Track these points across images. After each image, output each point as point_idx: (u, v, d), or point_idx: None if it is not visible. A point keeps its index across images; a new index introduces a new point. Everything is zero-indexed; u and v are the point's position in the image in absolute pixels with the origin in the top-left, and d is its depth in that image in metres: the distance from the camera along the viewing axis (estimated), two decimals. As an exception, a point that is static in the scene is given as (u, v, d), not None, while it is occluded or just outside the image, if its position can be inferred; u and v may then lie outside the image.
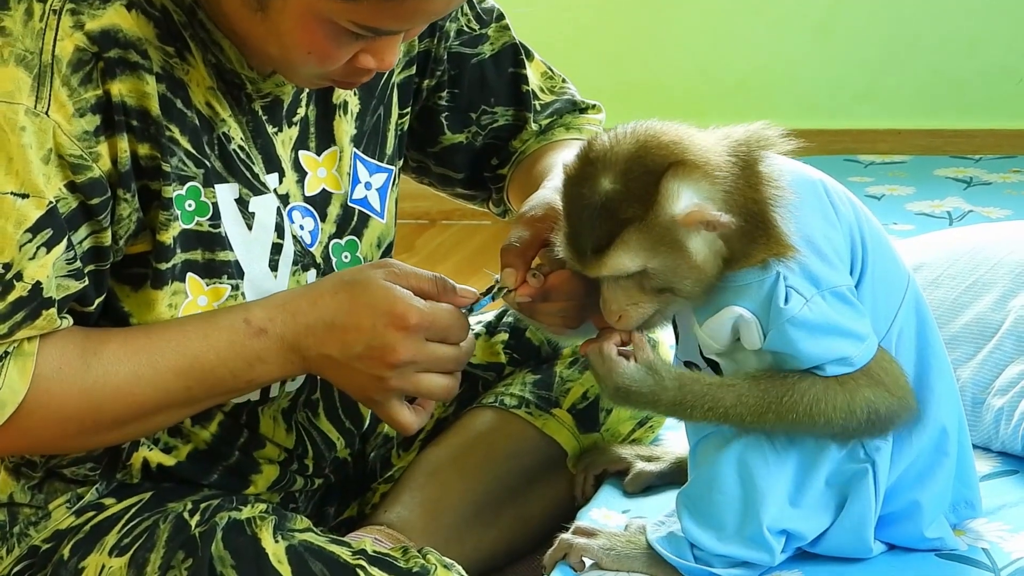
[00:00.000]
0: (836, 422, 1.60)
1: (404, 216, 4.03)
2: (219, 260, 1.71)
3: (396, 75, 1.91)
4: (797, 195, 1.58)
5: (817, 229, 1.60)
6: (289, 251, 1.77)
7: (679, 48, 4.12)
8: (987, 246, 2.17)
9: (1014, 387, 1.98)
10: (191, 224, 1.69)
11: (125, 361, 1.64)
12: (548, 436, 2.02)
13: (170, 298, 1.69)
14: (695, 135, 1.59)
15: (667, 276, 1.56)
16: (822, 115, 4.04)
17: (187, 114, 1.67)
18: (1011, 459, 1.96)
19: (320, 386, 1.85)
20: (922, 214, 3.11)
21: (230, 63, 1.70)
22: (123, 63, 1.61)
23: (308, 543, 1.68)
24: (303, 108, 1.80)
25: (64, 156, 1.58)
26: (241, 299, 1.73)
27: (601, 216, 1.55)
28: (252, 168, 1.73)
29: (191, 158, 1.67)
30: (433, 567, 1.68)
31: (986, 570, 1.67)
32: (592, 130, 2.04)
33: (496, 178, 2.04)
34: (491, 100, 2.00)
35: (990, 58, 3.98)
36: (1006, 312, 2.05)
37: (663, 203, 1.53)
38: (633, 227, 1.54)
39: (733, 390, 1.59)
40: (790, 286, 1.57)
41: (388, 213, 1.90)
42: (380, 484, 2.03)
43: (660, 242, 1.54)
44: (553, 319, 1.68)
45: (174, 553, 1.68)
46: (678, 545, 1.67)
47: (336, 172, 1.83)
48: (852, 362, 1.59)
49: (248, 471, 1.83)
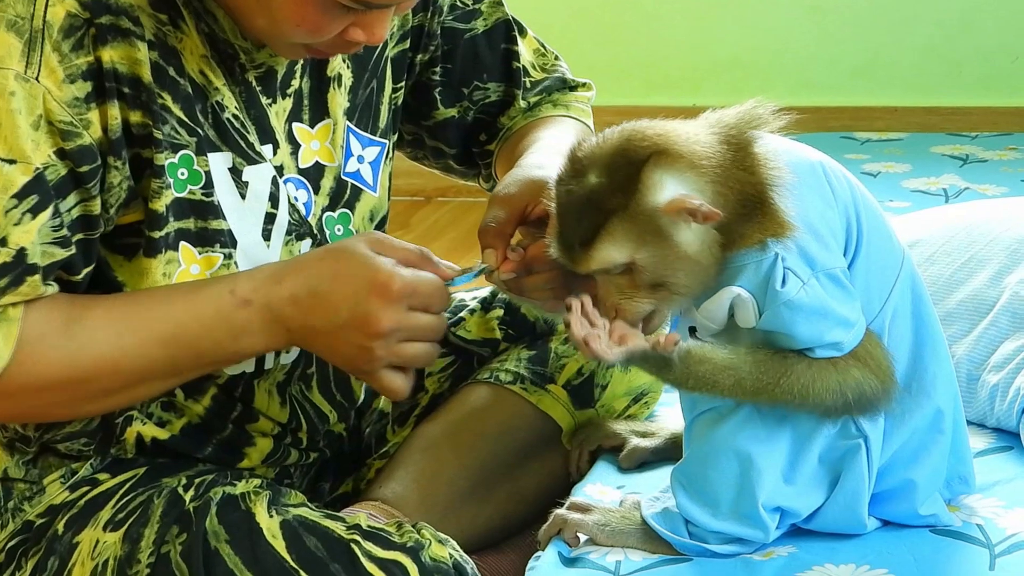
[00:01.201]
0: (827, 402, 1.60)
1: (399, 193, 4.03)
2: (212, 229, 1.71)
3: (390, 49, 1.91)
4: (795, 176, 1.58)
5: (814, 210, 1.59)
6: (283, 220, 1.77)
7: (674, 25, 4.11)
8: (983, 223, 2.17)
9: (1009, 363, 1.98)
10: (184, 192, 1.68)
11: (108, 329, 1.64)
12: (543, 412, 2.02)
13: (164, 267, 1.69)
14: (681, 127, 1.58)
15: (657, 269, 1.55)
16: (818, 92, 4.04)
17: (180, 82, 1.66)
18: (1006, 435, 1.96)
19: (315, 360, 1.85)
20: (918, 191, 3.11)
21: (223, 33, 1.70)
22: (115, 29, 1.61)
23: (302, 518, 1.68)
24: (297, 80, 1.80)
25: (54, 122, 1.58)
26: (234, 268, 1.73)
27: (586, 209, 1.55)
28: (247, 137, 1.73)
29: (184, 126, 1.67)
30: (427, 542, 1.69)
31: (980, 546, 1.67)
32: (580, 107, 2.05)
33: (484, 154, 2.04)
34: (483, 76, 2.00)
35: (987, 35, 3.98)
36: (1001, 289, 2.05)
37: (645, 192, 1.53)
38: (617, 218, 1.54)
39: (731, 374, 1.59)
40: (788, 267, 1.57)
41: (381, 187, 1.90)
42: (375, 460, 2.03)
43: (645, 232, 1.54)
44: (542, 293, 1.69)
45: (168, 528, 1.68)
46: (673, 521, 1.67)
47: (330, 145, 1.83)
48: (841, 347, 1.60)
49: (242, 444, 1.83)
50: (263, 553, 1.65)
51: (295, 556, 1.66)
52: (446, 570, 1.68)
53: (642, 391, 2.08)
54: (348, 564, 1.65)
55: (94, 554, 1.69)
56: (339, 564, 1.65)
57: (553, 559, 1.70)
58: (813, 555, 1.66)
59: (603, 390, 2.05)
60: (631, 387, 2.07)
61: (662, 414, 2.11)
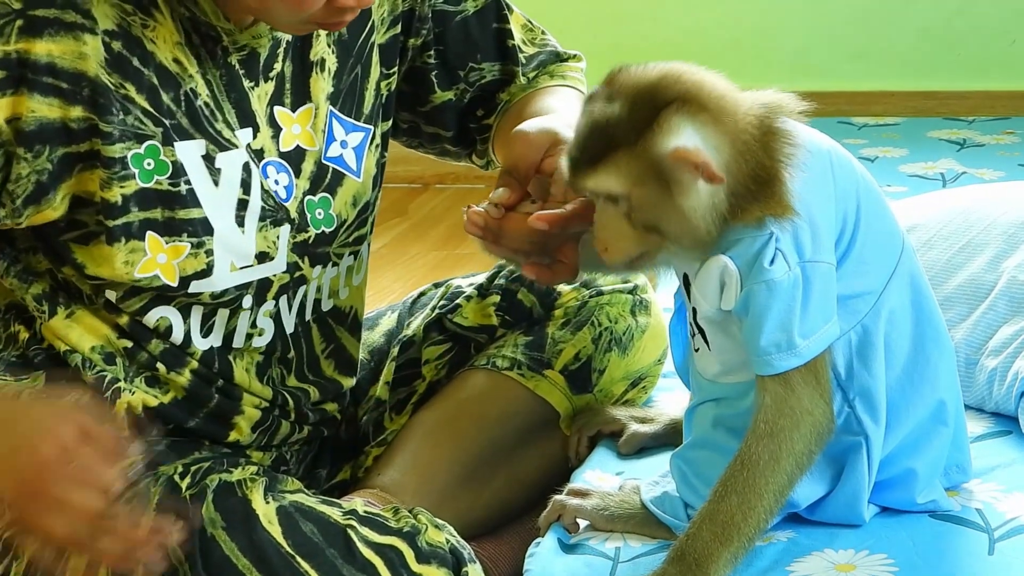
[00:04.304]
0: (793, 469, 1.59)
1: (397, 180, 4.03)
2: (179, 218, 1.71)
3: (378, 35, 1.90)
4: (806, 165, 1.57)
5: (816, 203, 1.58)
6: (256, 206, 1.77)
7: (672, 8, 4.11)
8: (980, 207, 2.17)
9: (1007, 348, 1.98)
10: (150, 183, 1.68)
11: None
12: (540, 397, 2.02)
13: (127, 255, 1.69)
14: (723, 84, 1.57)
15: (652, 212, 1.54)
16: (815, 76, 4.03)
17: (144, 72, 1.66)
18: (1004, 420, 1.96)
19: (294, 345, 1.85)
20: (915, 176, 3.11)
21: (205, 15, 1.69)
22: (56, 23, 1.60)
23: (299, 504, 1.68)
24: (279, 63, 1.79)
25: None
26: (203, 256, 1.73)
27: (601, 134, 1.55)
28: (216, 124, 1.73)
29: (149, 116, 1.67)
30: (424, 527, 1.69)
31: (980, 530, 1.67)
32: (575, 77, 2.05)
33: (481, 128, 2.04)
34: (477, 56, 1.99)
35: (984, 19, 3.97)
36: (999, 273, 2.05)
37: (657, 134, 1.52)
38: (623, 150, 1.53)
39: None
40: (780, 249, 1.56)
41: (366, 173, 1.89)
42: (372, 447, 2.03)
43: (648, 173, 1.53)
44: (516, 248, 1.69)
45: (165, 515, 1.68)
46: (672, 505, 1.67)
47: (311, 129, 1.83)
48: (800, 353, 1.57)
49: (231, 413, 1.83)
50: (259, 539, 1.65)
51: (291, 542, 1.66)
52: (442, 554, 1.68)
53: (640, 375, 2.08)
54: (344, 549, 1.65)
55: (91, 542, 1.69)
56: (335, 549, 1.65)
57: (552, 545, 1.70)
58: (812, 540, 1.66)
59: (600, 375, 2.05)
60: (629, 372, 2.07)
61: (660, 399, 2.11)
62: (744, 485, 1.57)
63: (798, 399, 1.57)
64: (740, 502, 1.56)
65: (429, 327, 2.10)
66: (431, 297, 2.15)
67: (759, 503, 1.57)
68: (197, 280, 1.74)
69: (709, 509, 1.57)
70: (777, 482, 1.57)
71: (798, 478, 1.59)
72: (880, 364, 1.64)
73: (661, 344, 2.08)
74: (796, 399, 1.57)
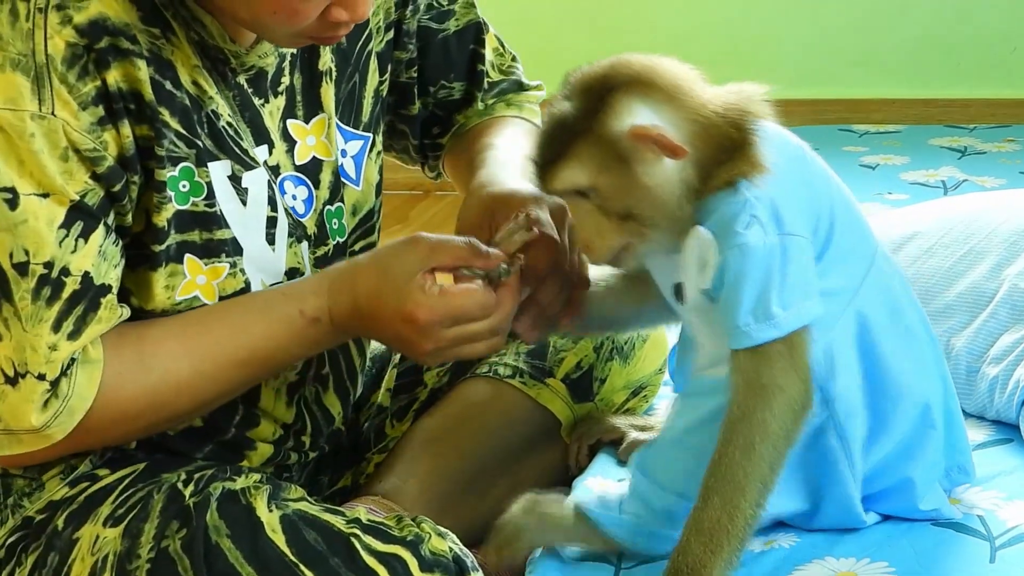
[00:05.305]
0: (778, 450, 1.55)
1: (398, 187, 4.03)
2: (216, 239, 1.71)
3: (375, 43, 1.91)
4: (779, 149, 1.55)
5: (790, 182, 1.55)
6: (284, 223, 1.77)
7: (670, 16, 4.11)
8: (981, 215, 2.18)
9: (1008, 356, 1.98)
10: (186, 205, 1.69)
11: (185, 359, 1.67)
12: (542, 406, 2.02)
13: (167, 279, 1.69)
14: (680, 68, 1.57)
15: (622, 198, 1.53)
16: (815, 84, 4.04)
17: (176, 95, 1.67)
18: (1005, 427, 1.96)
19: (329, 360, 1.86)
20: (917, 183, 3.11)
21: (212, 39, 1.70)
22: (114, 51, 1.61)
23: (302, 512, 1.68)
24: (287, 77, 1.79)
25: (81, 151, 1.59)
26: (240, 276, 1.73)
27: (557, 132, 1.55)
28: (241, 144, 1.73)
29: (182, 139, 1.67)
30: (427, 535, 1.69)
31: (981, 538, 1.68)
32: (531, 108, 2.07)
33: (435, 146, 2.06)
34: (450, 76, 2.02)
35: (984, 26, 3.98)
36: (1000, 281, 2.05)
37: (611, 116, 1.52)
38: (582, 139, 1.53)
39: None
40: (755, 216, 1.52)
41: (365, 181, 1.89)
42: (374, 454, 2.03)
43: (609, 159, 1.52)
44: None
45: (168, 523, 1.68)
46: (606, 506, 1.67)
47: (325, 139, 1.83)
48: (778, 324, 1.52)
49: (242, 447, 1.83)
50: (263, 547, 1.65)
51: (295, 550, 1.66)
52: (446, 563, 1.68)
53: (641, 384, 2.08)
54: (348, 558, 1.65)
55: (94, 550, 1.69)
56: (339, 558, 1.65)
57: (552, 552, 1.71)
58: (814, 547, 1.66)
59: (602, 384, 2.05)
60: (630, 381, 2.07)
61: (661, 408, 2.11)
62: (723, 483, 1.53)
63: (770, 375, 1.52)
64: (723, 503, 1.53)
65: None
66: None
67: (742, 500, 1.53)
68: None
69: (694, 518, 1.54)
70: (757, 472, 1.52)
71: (780, 464, 1.54)
72: (852, 368, 1.62)
73: (662, 353, 2.08)
74: (768, 375, 1.52)
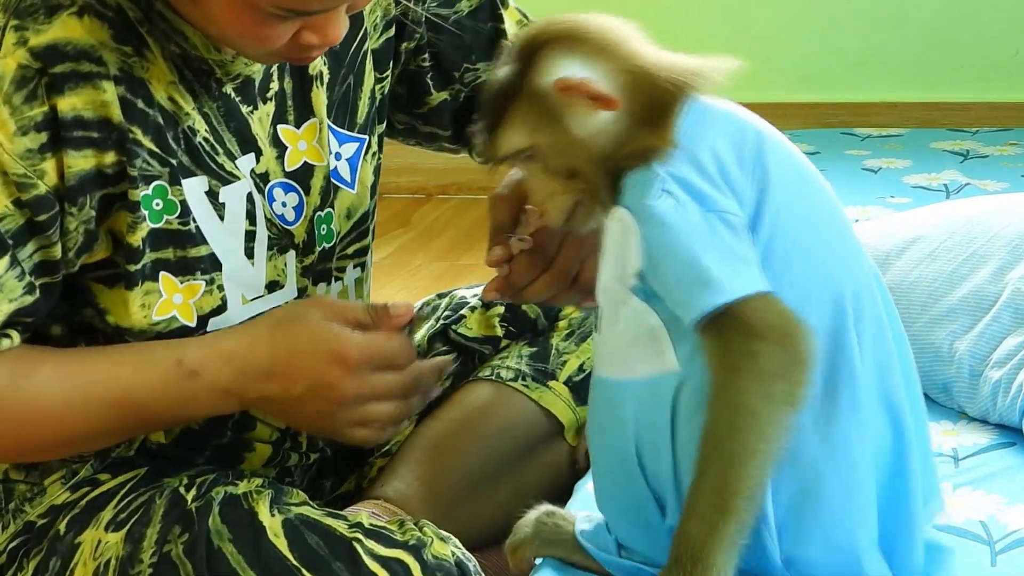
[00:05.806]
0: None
1: (400, 191, 4.04)
2: (191, 256, 1.71)
3: (371, 41, 1.90)
4: (712, 116, 1.50)
5: (712, 151, 1.47)
6: (263, 236, 1.76)
7: (672, 19, 4.11)
8: (984, 219, 2.17)
9: (1011, 359, 1.98)
10: (160, 223, 1.68)
11: (56, 386, 1.65)
12: (545, 408, 2.02)
13: (143, 298, 1.68)
14: (614, 23, 1.53)
15: (562, 155, 1.49)
16: (817, 87, 4.04)
17: (149, 112, 1.65)
18: (1008, 431, 1.96)
19: None
20: (919, 187, 3.11)
21: (196, 50, 1.69)
22: (75, 76, 1.59)
23: (304, 516, 1.68)
24: (276, 82, 1.79)
25: (8, 174, 1.58)
26: (217, 293, 1.73)
27: (492, 100, 1.53)
28: (217, 159, 1.72)
29: (155, 157, 1.66)
30: (430, 540, 1.69)
31: (981, 542, 1.67)
32: None
33: None
34: (472, 57, 1.99)
35: (987, 29, 3.98)
36: (1003, 284, 2.05)
37: (539, 73, 1.49)
38: (514, 104, 1.51)
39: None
40: (666, 189, 1.43)
41: (360, 184, 1.89)
42: (377, 458, 2.03)
43: (543, 117, 1.49)
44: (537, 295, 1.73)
45: (170, 528, 1.68)
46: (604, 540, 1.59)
47: (317, 144, 1.82)
48: (717, 288, 1.37)
49: (241, 450, 1.83)
50: (266, 552, 1.65)
51: (297, 555, 1.66)
52: (448, 568, 1.68)
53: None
54: (350, 562, 1.65)
55: (96, 554, 1.69)
56: (341, 562, 1.65)
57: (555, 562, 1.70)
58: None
59: (605, 387, 2.05)
60: (633, 384, 2.07)
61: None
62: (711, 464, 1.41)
63: (733, 345, 1.39)
64: (716, 483, 1.41)
65: (433, 338, 2.10)
66: (435, 308, 2.15)
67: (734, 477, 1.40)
68: (214, 317, 1.73)
69: (689, 502, 1.43)
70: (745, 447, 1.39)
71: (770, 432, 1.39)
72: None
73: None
74: (731, 345, 1.39)
